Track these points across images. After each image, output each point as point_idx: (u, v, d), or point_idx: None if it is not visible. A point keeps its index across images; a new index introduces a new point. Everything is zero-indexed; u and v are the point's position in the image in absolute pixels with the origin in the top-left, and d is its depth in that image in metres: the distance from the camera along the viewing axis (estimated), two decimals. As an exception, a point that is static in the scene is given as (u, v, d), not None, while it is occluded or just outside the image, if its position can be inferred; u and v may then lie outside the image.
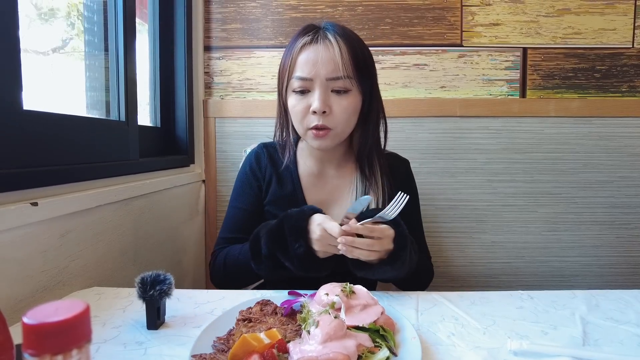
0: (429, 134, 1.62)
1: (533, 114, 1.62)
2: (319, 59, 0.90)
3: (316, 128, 0.92)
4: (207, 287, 1.78)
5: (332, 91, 0.92)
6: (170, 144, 1.58)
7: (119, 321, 0.71)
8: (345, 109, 0.93)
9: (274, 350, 0.50)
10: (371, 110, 0.99)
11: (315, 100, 0.91)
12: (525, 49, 1.63)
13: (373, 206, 0.98)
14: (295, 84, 0.93)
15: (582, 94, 1.63)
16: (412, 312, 0.74)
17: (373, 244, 0.78)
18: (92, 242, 1.00)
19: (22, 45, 0.81)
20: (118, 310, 0.76)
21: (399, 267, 0.81)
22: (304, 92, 0.93)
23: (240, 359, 0.49)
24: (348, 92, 0.93)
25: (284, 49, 1.00)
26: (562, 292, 0.83)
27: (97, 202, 1.01)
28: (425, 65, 1.63)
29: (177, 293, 0.84)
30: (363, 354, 0.52)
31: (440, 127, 1.62)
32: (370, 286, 1.05)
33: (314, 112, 0.91)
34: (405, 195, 0.81)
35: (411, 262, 0.85)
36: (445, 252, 1.68)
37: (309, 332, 0.53)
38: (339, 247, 0.77)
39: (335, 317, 0.54)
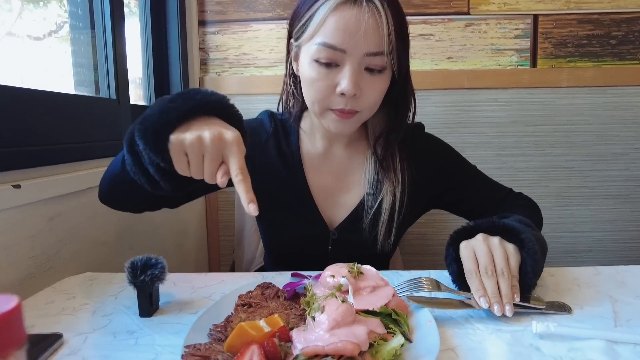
0: (436, 107, 1.55)
1: (544, 84, 1.55)
2: (361, 28, 0.69)
3: (342, 111, 0.75)
4: (210, 271, 1.74)
5: (365, 69, 0.74)
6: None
7: (110, 308, 0.66)
8: (378, 92, 0.76)
9: (275, 340, 0.45)
10: (403, 93, 0.82)
11: (345, 80, 0.72)
12: (536, 16, 1.54)
13: (389, 199, 0.84)
14: (319, 52, 0.72)
15: (596, 63, 1.54)
16: (425, 292, 0.68)
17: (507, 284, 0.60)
18: (84, 225, 0.95)
19: (15, 30, 0.74)
20: (110, 297, 0.71)
21: (535, 250, 0.64)
22: (330, 64, 0.73)
23: (238, 350, 0.44)
24: (383, 71, 0.75)
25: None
26: (585, 268, 0.77)
27: (88, 184, 0.95)
28: (431, 35, 1.55)
29: (173, 277, 0.80)
30: (375, 341, 0.46)
31: (448, 100, 1.55)
32: (381, 265, 0.99)
33: (343, 94, 0.73)
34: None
35: (535, 233, 0.69)
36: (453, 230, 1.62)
37: (313, 318, 0.48)
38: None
39: (342, 301, 0.49)
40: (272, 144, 0.89)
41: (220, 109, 0.61)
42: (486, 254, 0.63)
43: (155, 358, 0.52)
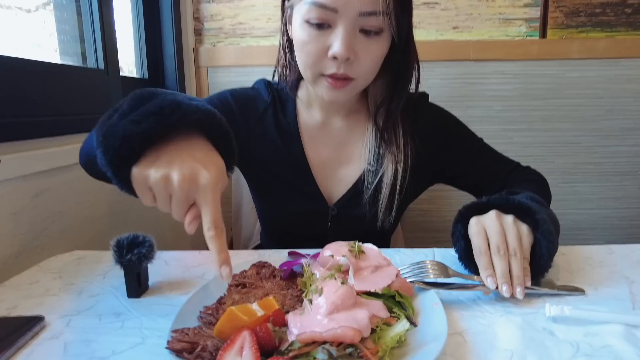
0: (441, 79, 1.49)
1: (554, 56, 1.48)
2: None
3: (334, 77, 0.70)
4: (208, 248, 1.71)
5: (360, 31, 0.68)
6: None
7: (97, 289, 0.63)
8: (374, 56, 0.70)
9: (269, 325, 0.41)
10: (404, 60, 0.76)
11: (338, 41, 0.66)
12: (547, -18, 1.46)
13: (390, 174, 0.79)
14: (310, 11, 0.67)
15: (610, 33, 1.47)
16: (431, 278, 0.65)
17: (518, 265, 0.57)
18: (73, 202, 0.91)
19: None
20: (98, 277, 0.67)
21: (550, 232, 0.60)
22: (321, 25, 0.68)
23: (228, 336, 0.40)
24: (380, 33, 0.69)
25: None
26: (598, 247, 0.74)
27: (75, 159, 0.89)
28: (436, 4, 1.47)
29: (165, 255, 0.76)
30: (378, 326, 0.43)
31: (453, 72, 1.49)
32: (382, 242, 0.95)
33: (335, 58, 0.68)
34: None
35: (550, 212, 0.65)
36: (457, 206, 1.58)
37: (311, 301, 0.44)
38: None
39: (342, 283, 0.45)
40: (269, 115, 0.84)
41: (202, 125, 0.52)
42: (498, 233, 0.59)
43: (142, 342, 0.49)
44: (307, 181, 0.83)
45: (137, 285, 0.59)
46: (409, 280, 0.56)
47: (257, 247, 1.13)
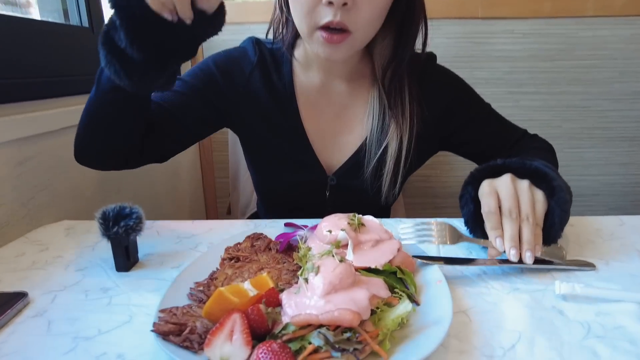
0: (447, 38, 1.41)
1: (567, 13, 1.40)
2: None
3: (329, 28, 0.63)
4: (207, 215, 1.69)
5: None
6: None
7: (85, 262, 0.60)
8: (374, 6, 0.64)
9: (262, 306, 0.38)
10: (410, 14, 0.69)
11: None
12: None
13: (395, 145, 0.74)
14: None
15: (628, -12, 1.38)
16: (432, 246, 0.62)
17: (529, 232, 0.54)
18: (61, 169, 0.87)
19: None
20: (86, 249, 0.65)
21: (565, 200, 0.57)
22: None
23: (218, 318, 0.38)
24: None
25: None
26: (608, 218, 0.70)
27: (62, 123, 0.86)
28: (444, -45, 1.38)
29: (156, 225, 0.73)
30: (378, 307, 0.40)
31: (459, 31, 1.42)
32: (382, 213, 0.92)
33: (330, 3, 0.61)
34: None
35: (564, 181, 0.61)
36: (459, 172, 1.55)
37: (306, 280, 0.41)
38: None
39: (340, 261, 0.42)
40: (257, 77, 0.77)
41: None
42: (511, 196, 0.56)
43: (129, 321, 0.46)
44: (303, 149, 0.78)
45: (125, 259, 0.57)
46: (412, 242, 0.54)
47: (255, 215, 1.10)
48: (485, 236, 0.57)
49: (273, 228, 0.67)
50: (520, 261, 0.52)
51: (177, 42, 0.53)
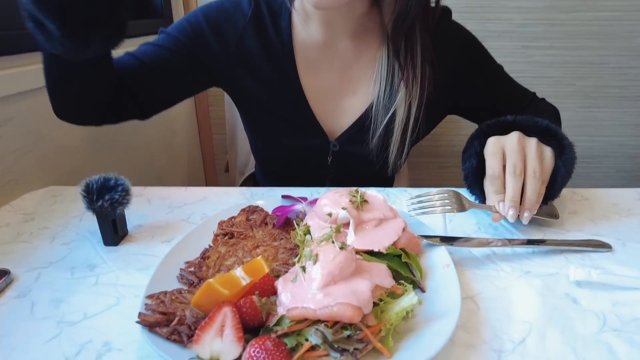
0: (458, -13, 1.31)
1: (592, -41, 1.28)
2: None
3: None
4: (205, 172, 1.66)
5: None
6: (142, 5, 1.29)
7: (72, 234, 0.57)
8: None
9: (255, 298, 0.35)
10: None
11: None
12: None
13: (403, 112, 0.68)
14: None
15: None
16: (438, 221, 0.59)
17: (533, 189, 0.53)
18: (47, 129, 0.82)
19: None
20: (74, 219, 0.61)
21: (572, 161, 0.56)
22: None
23: (207, 310, 0.35)
24: None
25: None
26: (625, 190, 0.67)
27: (43, 80, 0.80)
28: None
29: (148, 192, 0.70)
30: (382, 299, 0.37)
31: (473, -21, 1.31)
32: (386, 182, 0.88)
33: None
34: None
35: (564, 138, 0.58)
36: (465, 130, 1.49)
37: (304, 268, 0.38)
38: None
39: (341, 248, 0.39)
40: (251, 32, 0.70)
41: None
42: (517, 152, 0.54)
43: (117, 304, 0.44)
44: (303, 112, 0.73)
45: (113, 233, 0.54)
46: (416, 213, 0.53)
47: (254, 175, 1.06)
48: (482, 194, 0.57)
49: (271, 198, 0.63)
50: (530, 241, 0.52)
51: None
